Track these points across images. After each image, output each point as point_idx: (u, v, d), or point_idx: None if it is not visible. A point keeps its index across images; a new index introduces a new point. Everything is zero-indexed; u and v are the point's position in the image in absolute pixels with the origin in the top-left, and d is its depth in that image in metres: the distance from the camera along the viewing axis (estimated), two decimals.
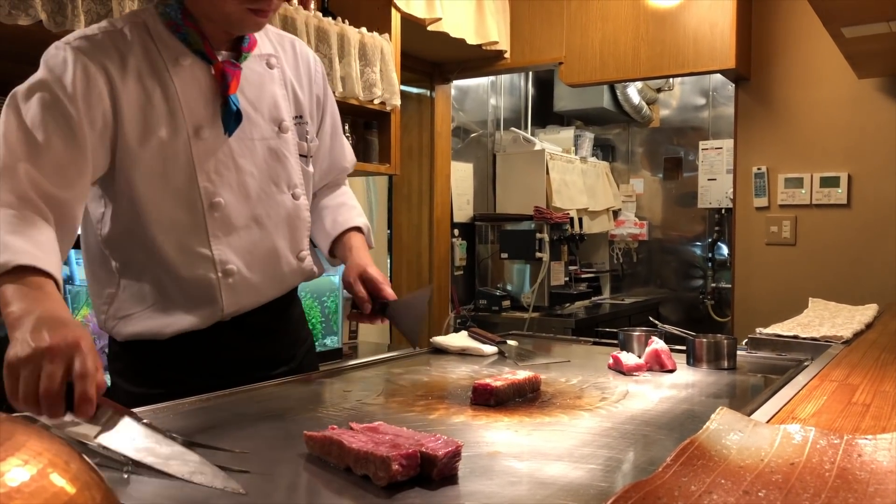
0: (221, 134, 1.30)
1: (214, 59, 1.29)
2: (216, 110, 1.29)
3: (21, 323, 0.91)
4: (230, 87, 1.29)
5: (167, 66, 1.27)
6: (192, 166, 1.27)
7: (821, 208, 3.42)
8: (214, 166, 1.29)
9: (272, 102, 1.38)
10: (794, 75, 3.46)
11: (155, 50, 1.27)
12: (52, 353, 0.85)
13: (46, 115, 1.16)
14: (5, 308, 0.96)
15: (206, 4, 1.26)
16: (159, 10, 1.30)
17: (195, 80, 1.28)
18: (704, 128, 4.85)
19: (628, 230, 5.06)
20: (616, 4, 3.55)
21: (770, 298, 3.46)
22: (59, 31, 2.06)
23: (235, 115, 1.30)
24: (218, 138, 1.29)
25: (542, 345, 1.80)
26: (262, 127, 1.36)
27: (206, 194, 1.28)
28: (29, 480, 0.44)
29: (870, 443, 0.77)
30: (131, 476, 0.78)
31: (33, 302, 0.96)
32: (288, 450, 0.89)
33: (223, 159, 1.30)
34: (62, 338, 0.86)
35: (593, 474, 0.80)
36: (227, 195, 1.30)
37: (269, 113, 1.37)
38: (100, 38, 1.24)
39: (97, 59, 1.21)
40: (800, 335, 1.64)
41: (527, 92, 4.95)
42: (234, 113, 1.30)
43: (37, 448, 0.46)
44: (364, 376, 1.39)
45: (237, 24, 1.28)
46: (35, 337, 0.87)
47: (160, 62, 1.27)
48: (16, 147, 1.12)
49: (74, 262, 2.50)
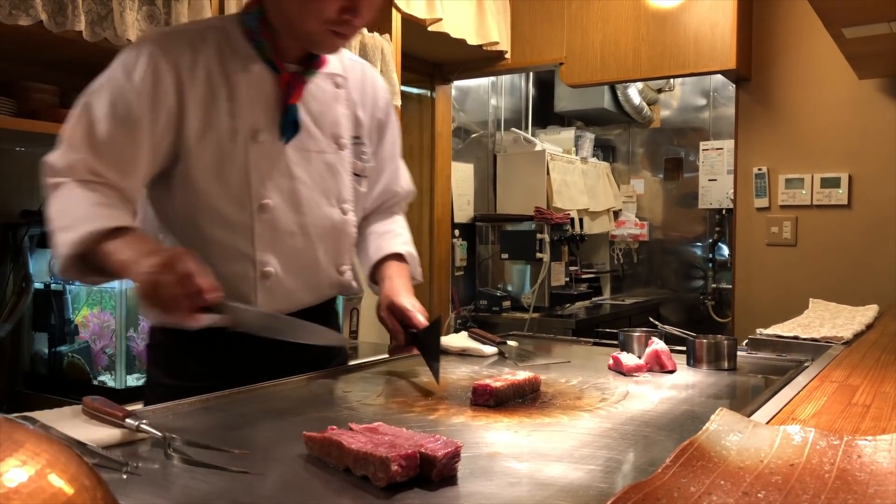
0: (279, 140, 1.34)
1: (281, 69, 1.34)
2: (276, 117, 1.34)
3: (130, 264, 1.11)
4: (292, 97, 1.34)
5: (236, 70, 1.32)
6: (246, 167, 1.31)
7: (821, 209, 3.42)
8: (268, 170, 1.33)
9: (333, 119, 1.42)
10: (795, 76, 3.46)
11: (228, 54, 1.33)
12: (167, 267, 1.06)
13: (111, 110, 1.24)
14: (111, 257, 1.15)
15: (288, 19, 1.31)
16: (240, 17, 1.36)
17: (260, 87, 1.34)
18: (705, 128, 4.85)
19: (629, 231, 5.06)
20: (617, 5, 3.55)
21: (770, 299, 3.46)
22: (59, 31, 2.06)
23: (293, 124, 1.35)
24: (275, 144, 1.34)
25: (543, 345, 1.80)
26: (320, 140, 1.40)
27: (256, 196, 1.32)
28: (27, 481, 0.44)
29: (870, 444, 0.77)
30: (130, 476, 0.78)
31: (135, 247, 1.14)
32: (287, 450, 0.89)
33: (278, 165, 1.34)
34: (169, 255, 1.08)
35: (593, 475, 0.80)
36: (277, 200, 1.34)
37: (329, 128, 1.41)
38: (177, 37, 1.32)
39: (170, 57, 1.27)
40: (800, 336, 1.63)
41: (527, 92, 4.95)
42: (292, 122, 1.35)
43: (35, 449, 0.46)
44: (364, 376, 1.38)
45: (317, 43, 1.33)
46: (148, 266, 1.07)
47: (230, 65, 1.32)
48: (80, 139, 1.23)
49: None
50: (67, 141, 1.25)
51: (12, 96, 2.17)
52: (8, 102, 2.13)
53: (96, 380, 2.39)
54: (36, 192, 2.43)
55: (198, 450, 0.85)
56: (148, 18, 2.32)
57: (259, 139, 1.32)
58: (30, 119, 2.11)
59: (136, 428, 0.89)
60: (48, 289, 2.45)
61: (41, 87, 2.27)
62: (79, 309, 2.47)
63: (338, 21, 1.27)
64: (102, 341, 2.42)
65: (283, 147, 1.35)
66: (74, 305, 2.47)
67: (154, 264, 1.07)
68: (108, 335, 2.41)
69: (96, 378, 2.40)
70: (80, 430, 0.88)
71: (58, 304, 2.43)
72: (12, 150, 2.46)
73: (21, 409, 1.03)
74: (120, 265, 1.14)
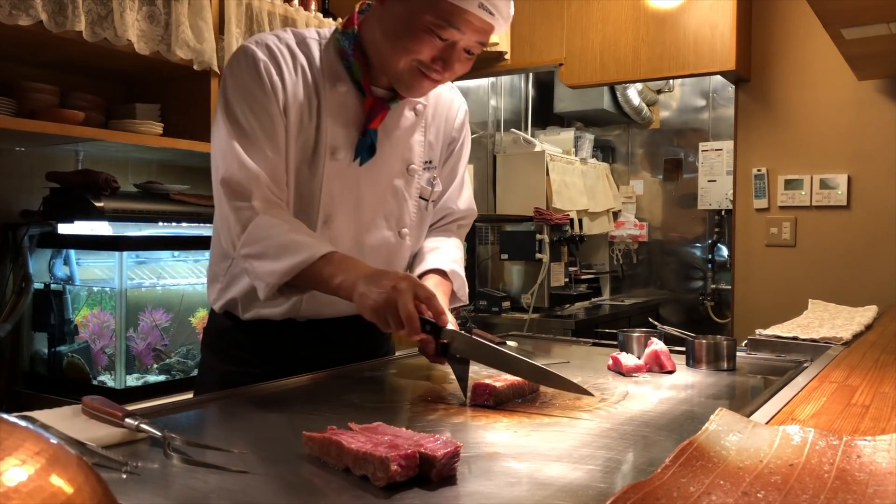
0: (353, 161, 1.37)
1: (368, 93, 1.36)
2: (354, 139, 1.37)
3: (357, 283, 1.18)
4: (373, 122, 1.37)
5: (326, 86, 1.35)
6: (320, 180, 1.35)
7: (821, 210, 3.42)
8: (339, 187, 1.37)
9: (407, 145, 1.45)
10: (795, 77, 3.46)
11: (323, 68, 1.36)
12: (399, 291, 1.13)
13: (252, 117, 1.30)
14: (333, 281, 1.21)
15: (380, 54, 1.33)
16: (336, 34, 1.38)
17: (345, 107, 1.37)
18: (704, 129, 4.86)
19: (628, 231, 5.06)
20: (616, 6, 3.56)
21: (770, 300, 3.46)
22: (59, 31, 2.06)
23: (369, 148, 1.38)
24: (349, 164, 1.38)
25: (542, 346, 1.80)
26: (391, 165, 1.43)
27: (323, 208, 1.36)
28: (27, 480, 0.44)
29: (869, 444, 0.77)
30: (130, 476, 0.78)
31: (350, 269, 1.21)
32: (287, 450, 0.89)
33: (348, 184, 1.38)
34: (400, 279, 1.16)
35: (592, 475, 0.80)
36: (341, 216, 1.38)
37: (402, 154, 1.45)
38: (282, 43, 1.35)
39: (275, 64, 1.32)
40: (799, 336, 1.63)
41: (527, 93, 4.96)
42: (369, 146, 1.38)
43: (34, 448, 0.46)
44: (364, 376, 1.39)
45: (405, 83, 1.33)
46: (381, 285, 1.15)
47: (322, 80, 1.35)
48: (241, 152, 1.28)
49: (74, 263, 2.50)
50: (237, 158, 1.29)
51: (12, 96, 2.17)
52: (8, 102, 2.13)
53: (96, 379, 2.39)
54: (36, 192, 2.43)
55: (197, 449, 0.85)
56: (148, 19, 2.32)
57: (337, 157, 1.35)
58: (30, 119, 2.11)
59: (136, 428, 0.89)
60: (48, 289, 2.45)
61: (41, 87, 2.27)
62: (78, 309, 2.47)
63: (428, 66, 1.29)
64: (102, 341, 2.42)
65: (357, 167, 1.38)
66: (74, 305, 2.47)
67: (391, 287, 1.14)
68: (108, 335, 2.41)
69: (96, 378, 2.40)
70: (79, 430, 0.88)
71: (57, 304, 2.43)
72: (12, 149, 2.46)
73: (20, 409, 1.03)
74: (339, 286, 1.21)
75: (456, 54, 1.28)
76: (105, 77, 2.62)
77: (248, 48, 1.33)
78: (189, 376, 2.52)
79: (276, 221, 1.27)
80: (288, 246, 1.23)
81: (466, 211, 1.64)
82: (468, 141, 1.60)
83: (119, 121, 2.41)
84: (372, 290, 1.15)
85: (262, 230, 1.26)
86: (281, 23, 2.71)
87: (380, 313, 1.15)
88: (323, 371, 1.37)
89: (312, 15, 2.84)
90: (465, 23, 1.24)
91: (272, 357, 1.41)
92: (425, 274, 1.47)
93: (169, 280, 2.60)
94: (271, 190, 1.30)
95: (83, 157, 2.56)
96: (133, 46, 2.25)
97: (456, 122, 1.56)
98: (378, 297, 1.14)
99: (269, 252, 1.25)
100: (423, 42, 1.25)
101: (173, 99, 2.57)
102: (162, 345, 2.52)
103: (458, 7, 1.22)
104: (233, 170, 1.28)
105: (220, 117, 1.33)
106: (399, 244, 1.47)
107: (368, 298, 1.15)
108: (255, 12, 2.62)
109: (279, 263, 1.23)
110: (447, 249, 1.55)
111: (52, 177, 2.39)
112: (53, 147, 2.48)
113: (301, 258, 1.21)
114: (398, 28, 1.27)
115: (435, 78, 1.31)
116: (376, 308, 1.15)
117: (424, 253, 1.53)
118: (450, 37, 1.25)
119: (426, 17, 1.23)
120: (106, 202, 2.31)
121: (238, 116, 1.30)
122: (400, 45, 1.27)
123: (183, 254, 2.68)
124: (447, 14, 1.23)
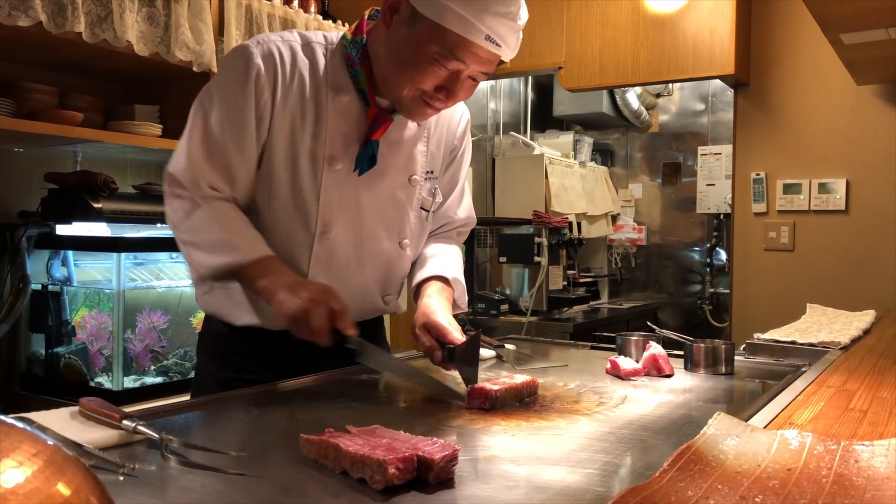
0: (352, 171, 1.36)
1: (372, 104, 1.34)
2: (355, 149, 1.35)
3: (277, 289, 1.21)
4: (375, 133, 1.35)
5: (328, 93, 1.33)
6: (317, 190, 1.33)
7: (819, 214, 3.42)
8: (338, 198, 1.35)
9: (409, 156, 1.43)
10: (793, 81, 3.46)
11: (327, 74, 1.34)
12: (315, 302, 1.17)
13: (224, 116, 1.29)
14: (257, 283, 1.25)
15: (384, 77, 1.31)
16: (343, 41, 1.36)
17: (347, 116, 1.35)
18: (703, 133, 4.86)
19: (627, 235, 5.06)
20: (616, 9, 3.56)
21: (768, 304, 3.46)
22: (58, 32, 2.06)
23: (370, 159, 1.36)
24: (349, 174, 1.36)
25: (540, 349, 1.80)
26: (393, 176, 1.41)
27: (322, 220, 1.35)
28: (24, 482, 0.44)
29: (867, 449, 0.77)
30: (127, 478, 0.78)
31: (275, 275, 1.24)
32: (284, 453, 0.89)
33: (347, 194, 1.36)
34: (318, 291, 1.20)
35: (590, 479, 0.80)
36: (340, 227, 1.37)
37: (405, 165, 1.43)
38: (283, 46, 1.33)
39: (271, 66, 1.30)
40: (797, 341, 1.64)
41: (526, 96, 4.96)
42: (370, 157, 1.36)
43: (32, 450, 0.46)
44: (362, 379, 1.38)
45: (406, 108, 1.32)
46: (298, 294, 1.19)
47: (324, 88, 1.33)
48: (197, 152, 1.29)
49: (72, 264, 2.50)
50: (187, 153, 1.30)
51: (11, 97, 2.17)
52: (7, 103, 2.13)
53: (93, 381, 2.39)
54: (34, 193, 2.43)
55: (194, 451, 0.85)
56: (147, 20, 2.32)
57: (335, 167, 1.34)
58: (28, 120, 2.11)
59: (133, 429, 0.89)
60: (45, 290, 2.44)
61: (40, 88, 2.27)
62: (76, 310, 2.47)
63: (431, 95, 1.28)
64: (100, 342, 2.41)
65: (356, 178, 1.36)
66: (72, 306, 2.47)
67: (308, 298, 1.18)
68: (106, 336, 2.41)
69: (93, 379, 2.39)
70: (76, 432, 0.87)
71: (55, 306, 2.42)
72: (10, 150, 2.46)
73: (17, 411, 1.03)
74: (262, 289, 1.25)
75: (460, 83, 1.27)
76: (104, 78, 2.62)
77: (246, 49, 1.31)
78: (186, 378, 2.52)
79: (216, 216, 1.29)
80: (223, 244, 1.27)
81: (466, 219, 1.63)
82: (469, 149, 1.59)
83: (118, 122, 2.41)
84: (290, 298, 1.19)
85: (201, 222, 1.29)
86: (281, 24, 2.72)
87: (294, 321, 1.19)
88: (320, 374, 1.37)
89: (312, 17, 2.84)
90: (471, 55, 1.22)
91: (269, 363, 1.39)
92: (428, 280, 1.45)
93: (167, 281, 2.60)
94: (214, 188, 1.30)
95: (82, 157, 2.56)
96: (132, 48, 2.25)
97: (458, 131, 1.54)
98: (294, 307, 1.18)
99: (203, 244, 1.29)
100: (427, 73, 1.24)
101: (172, 100, 2.56)
102: (160, 346, 2.52)
103: (465, 39, 1.20)
104: (179, 165, 1.31)
105: (192, 110, 1.33)
106: (399, 255, 1.46)
107: (285, 306, 1.19)
108: (255, 14, 2.62)
109: (211, 258, 1.27)
110: (448, 256, 1.54)
111: (51, 178, 2.39)
112: (52, 148, 2.48)
113: (231, 258, 1.26)
114: (403, 55, 1.25)
115: (438, 107, 1.31)
116: (292, 316, 1.19)
117: (426, 259, 1.52)
118: (455, 67, 1.24)
119: (431, 48, 1.21)
120: (104, 203, 2.30)
121: (209, 114, 1.30)
122: (405, 74, 1.26)
123: (181, 255, 2.68)
124: (453, 46, 1.20)
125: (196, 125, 1.31)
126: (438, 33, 1.20)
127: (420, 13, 1.21)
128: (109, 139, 2.30)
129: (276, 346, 1.38)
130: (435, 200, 1.51)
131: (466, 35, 1.19)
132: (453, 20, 1.18)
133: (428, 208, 1.50)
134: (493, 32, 1.20)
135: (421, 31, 1.21)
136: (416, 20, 1.21)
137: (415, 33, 1.22)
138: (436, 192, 1.51)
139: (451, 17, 1.18)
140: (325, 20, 2.90)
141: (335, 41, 1.37)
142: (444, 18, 1.18)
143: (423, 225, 1.50)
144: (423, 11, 1.20)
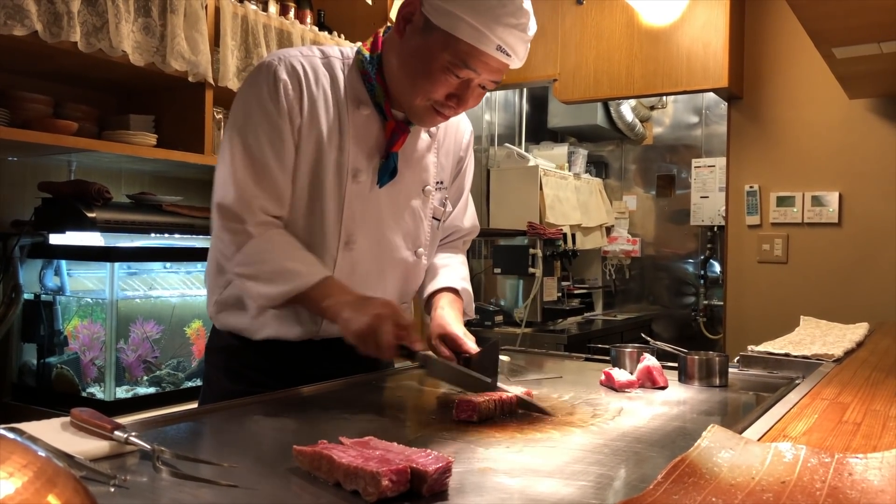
0: (374, 183, 1.38)
1: (390, 117, 1.37)
2: (376, 161, 1.38)
3: (342, 308, 1.23)
4: (395, 145, 1.38)
5: (349, 107, 1.36)
6: (341, 203, 1.35)
7: (812, 227, 3.44)
8: (360, 210, 1.38)
9: (423, 166, 1.47)
10: (787, 95, 3.49)
11: (346, 89, 1.36)
12: (382, 319, 1.19)
13: (263, 136, 1.30)
14: (321, 303, 1.27)
15: (397, 87, 1.34)
16: (360, 56, 1.38)
17: (367, 129, 1.37)
18: (697, 146, 4.88)
19: (621, 247, 5.07)
20: (610, 22, 3.59)
21: (762, 316, 3.47)
22: (54, 41, 2.06)
23: (392, 171, 1.39)
24: (371, 186, 1.38)
25: (535, 360, 1.79)
26: (409, 187, 1.44)
27: (345, 230, 1.36)
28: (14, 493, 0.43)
29: (860, 462, 0.77)
30: (118, 490, 0.78)
31: (338, 294, 1.27)
32: (277, 464, 0.88)
33: (369, 206, 1.39)
34: (383, 307, 1.22)
35: (584, 491, 0.80)
36: (362, 238, 1.39)
37: (419, 175, 1.46)
38: (307, 62, 1.34)
39: (295, 82, 1.32)
40: (791, 353, 1.64)
41: (521, 108, 4.98)
42: (391, 169, 1.38)
43: (22, 461, 0.45)
44: (356, 390, 1.38)
45: (417, 116, 1.35)
46: (365, 311, 1.21)
47: (344, 102, 1.36)
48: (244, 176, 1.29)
49: (65, 274, 2.49)
50: (233, 180, 1.29)
51: (6, 106, 2.17)
52: (1, 112, 2.13)
53: (85, 391, 2.37)
54: (28, 203, 2.42)
55: (187, 463, 0.84)
56: (143, 30, 2.32)
57: (359, 179, 1.36)
58: (23, 129, 2.11)
59: (125, 440, 0.88)
60: (38, 299, 2.43)
61: (35, 98, 2.27)
62: (69, 320, 2.46)
63: (442, 104, 1.31)
64: (92, 353, 2.40)
65: (377, 190, 1.39)
66: (64, 316, 2.46)
67: (374, 315, 1.20)
68: (98, 346, 2.39)
69: (85, 390, 2.38)
70: (68, 443, 0.87)
71: (47, 315, 2.41)
72: (4, 159, 2.45)
73: (8, 421, 1.02)
74: (326, 309, 1.27)
75: (470, 91, 1.31)
76: (99, 88, 2.62)
77: (271, 65, 1.32)
78: (179, 388, 2.50)
79: (270, 246, 1.29)
80: (282, 273, 1.27)
81: (471, 228, 1.67)
82: (472, 160, 1.63)
83: (113, 131, 2.41)
84: (356, 316, 1.21)
85: (256, 254, 1.29)
86: (276, 36, 2.72)
87: (361, 338, 1.21)
88: (314, 385, 1.36)
89: (308, 28, 2.85)
90: (482, 64, 1.26)
91: (287, 376, 1.38)
92: (439, 291, 1.50)
93: (160, 291, 2.59)
94: (267, 212, 1.31)
95: (76, 167, 2.56)
96: (128, 57, 2.25)
97: (463, 143, 1.58)
98: (361, 324, 1.20)
99: (262, 275, 1.28)
100: (438, 82, 1.27)
101: (167, 110, 2.57)
102: (152, 357, 2.51)
103: (477, 49, 1.23)
104: (229, 195, 1.29)
105: (227, 135, 1.33)
106: (416, 264, 1.49)
107: (352, 324, 1.21)
108: (251, 25, 2.63)
109: (272, 288, 1.27)
110: (457, 267, 1.58)
111: (45, 187, 2.38)
112: (46, 157, 2.47)
113: (294, 286, 1.26)
114: (415, 65, 1.28)
115: (448, 114, 1.34)
116: (359, 333, 1.20)
117: (437, 269, 1.55)
118: (466, 76, 1.27)
119: (444, 57, 1.24)
120: (98, 213, 2.30)
121: (247, 135, 1.31)
122: (418, 84, 1.29)
123: (175, 265, 2.67)
124: (465, 55, 1.24)
125: (236, 150, 1.31)
126: (451, 43, 1.23)
127: (433, 23, 1.24)
128: (104, 149, 2.30)
129: (294, 356, 1.40)
130: (445, 210, 1.54)
131: (478, 45, 1.23)
132: (466, 31, 1.22)
133: (439, 217, 1.53)
134: (504, 43, 1.24)
135: (434, 41, 1.24)
136: (430, 30, 1.25)
137: (428, 43, 1.25)
138: (446, 202, 1.54)
139: (464, 28, 1.21)
140: (320, 31, 2.91)
141: (351, 56, 1.40)
142: (456, 29, 1.22)
143: (434, 234, 1.53)
144: (437, 22, 1.23)
